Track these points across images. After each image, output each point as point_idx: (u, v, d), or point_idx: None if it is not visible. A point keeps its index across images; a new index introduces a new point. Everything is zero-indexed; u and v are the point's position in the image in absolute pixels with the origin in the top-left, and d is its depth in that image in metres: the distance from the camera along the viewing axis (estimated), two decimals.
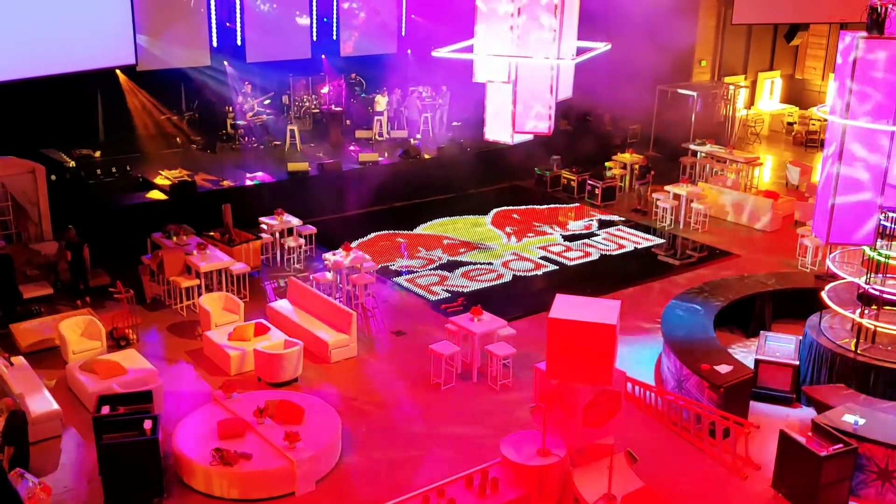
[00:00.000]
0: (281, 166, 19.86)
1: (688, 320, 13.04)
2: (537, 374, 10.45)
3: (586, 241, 17.61)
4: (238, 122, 21.63)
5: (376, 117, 23.11)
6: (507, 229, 18.13)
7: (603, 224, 18.70)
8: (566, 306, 10.16)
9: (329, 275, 14.93)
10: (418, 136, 23.33)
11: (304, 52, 22.91)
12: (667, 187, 19.77)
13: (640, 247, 17.32)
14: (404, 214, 19.89)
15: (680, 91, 24.50)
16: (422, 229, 18.27)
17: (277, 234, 16.78)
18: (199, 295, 14.34)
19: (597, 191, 20.81)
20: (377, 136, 23.10)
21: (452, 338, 12.75)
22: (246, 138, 21.81)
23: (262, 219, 16.87)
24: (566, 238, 17.74)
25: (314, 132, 22.83)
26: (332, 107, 23.40)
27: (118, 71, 19.85)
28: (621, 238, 17.90)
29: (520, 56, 9.88)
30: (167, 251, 14.78)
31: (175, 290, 14.63)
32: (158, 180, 18.11)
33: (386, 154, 21.51)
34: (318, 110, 23.20)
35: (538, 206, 19.79)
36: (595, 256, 16.66)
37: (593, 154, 22.54)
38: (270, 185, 18.87)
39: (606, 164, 22.34)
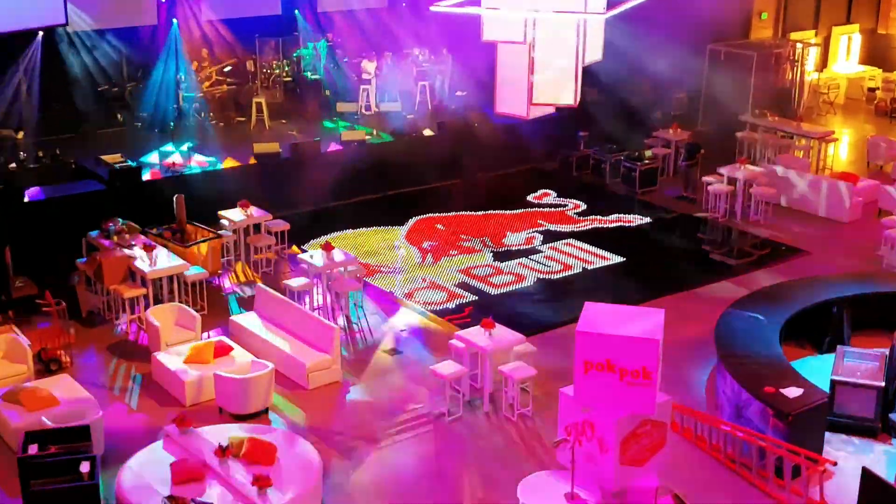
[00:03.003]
0: (245, 148, 19.86)
1: (748, 333, 13.02)
2: (563, 401, 10.43)
3: (522, 260, 16.97)
4: (192, 95, 21.65)
5: (363, 87, 23.12)
6: (425, 245, 17.64)
7: (551, 236, 18.09)
8: (598, 316, 10.15)
9: (306, 280, 14.91)
10: (414, 109, 23.35)
11: (274, 8, 22.95)
12: (720, 169, 19.77)
13: (590, 267, 16.70)
14: (400, 205, 19.87)
15: (735, 51, 24.47)
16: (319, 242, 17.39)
17: (242, 232, 16.80)
18: (147, 307, 14.33)
19: (634, 174, 20.82)
20: (363, 110, 23.11)
21: (458, 357, 12.74)
22: (202, 114, 21.83)
23: (223, 212, 16.89)
24: (497, 256, 17.17)
25: (286, 106, 22.86)
26: (308, 74, 23.43)
27: (44, 33, 19.88)
28: (569, 256, 17.18)
29: (538, 10, 9.85)
30: (106, 254, 14.79)
31: (116, 301, 14.62)
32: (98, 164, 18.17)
33: (375, 132, 21.50)
34: (290, 78, 23.22)
35: (502, 211, 19.26)
36: (530, 281, 16.08)
37: (629, 129, 22.53)
38: (233, 171, 18.87)
39: (646, 141, 22.33)
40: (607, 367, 9.99)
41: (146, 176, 18.10)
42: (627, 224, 18.94)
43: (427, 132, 21.37)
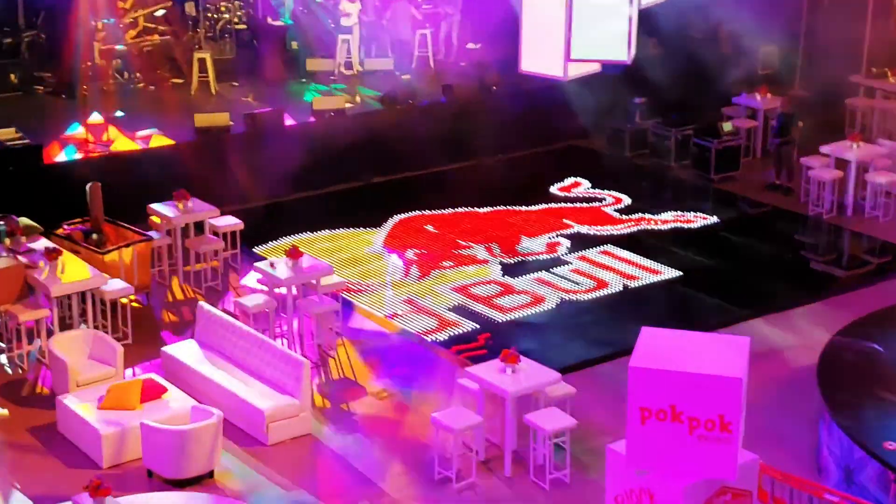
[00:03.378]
0: (184, 119, 19.93)
1: (862, 370, 12.96)
2: (611, 461, 10.42)
3: (540, 274, 16.93)
4: (112, 48, 21.74)
5: (342, 36, 23.18)
6: (410, 254, 17.66)
7: (581, 242, 18.08)
8: (659, 347, 10.14)
9: (265, 298, 14.94)
10: (411, 67, 23.40)
11: None
12: (824, 148, 19.75)
13: (633, 284, 16.69)
14: (389, 196, 19.93)
15: None
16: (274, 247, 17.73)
17: (179, 232, 16.84)
18: (50, 334, 14.35)
19: (708, 155, 20.84)
20: (343, 69, 23.18)
21: (470, 401, 12.75)
22: (125, 73, 21.91)
23: (154, 206, 16.96)
24: (508, 269, 17.16)
25: (238, 62, 22.95)
26: (269, 19, 23.49)
27: None
28: (605, 268, 17.18)
29: None
30: None
31: (9, 326, 14.65)
32: None
33: (357, 98, 21.57)
34: (244, 25, 23.31)
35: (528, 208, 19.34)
36: (552, 302, 16.09)
37: (702, 95, 22.54)
38: (167, 152, 18.93)
39: (724, 110, 22.32)
40: (672, 416, 9.98)
41: (54, 158, 18.16)
42: (686, 224, 18.97)
43: (424, 99, 21.43)
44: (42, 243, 15.42)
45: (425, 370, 14.57)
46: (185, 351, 14.10)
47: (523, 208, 19.39)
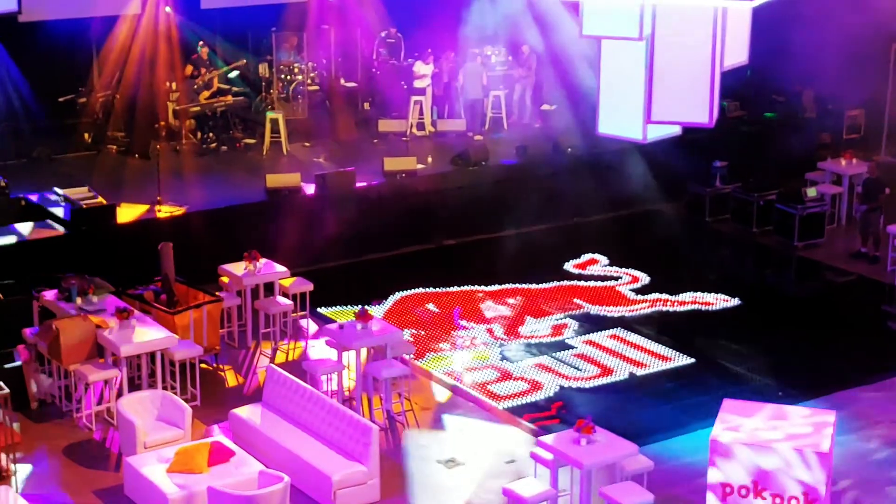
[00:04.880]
0: (255, 179, 20.19)
1: None
2: None
3: (543, 358, 16.30)
4: (186, 108, 22.16)
5: (415, 98, 23.43)
6: (407, 335, 16.56)
7: (590, 324, 17.49)
8: (740, 419, 10.05)
9: (334, 361, 14.97)
10: (483, 128, 23.55)
11: None
12: None
13: (642, 372, 15.95)
14: (461, 259, 20.00)
15: None
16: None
17: (249, 293, 17.00)
18: (119, 395, 14.48)
19: (792, 221, 20.64)
20: (415, 130, 23.37)
21: (543, 472, 12.63)
22: (199, 134, 22.28)
23: (225, 267, 17.15)
24: (507, 353, 16.53)
25: (311, 123, 23.24)
26: (342, 80, 23.83)
27: None
28: (612, 354, 16.48)
29: None
30: (65, 322, 15.05)
31: (78, 386, 14.80)
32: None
33: (430, 159, 21.71)
34: (317, 87, 23.66)
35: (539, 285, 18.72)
36: (551, 390, 15.34)
37: (786, 159, 22.40)
38: (238, 212, 19.15)
39: (808, 176, 22.13)
40: (754, 492, 9.86)
41: (122, 217, 18.43)
42: (705, 307, 18.20)
43: (498, 161, 21.50)
44: (113, 303, 15.62)
45: (496, 438, 14.48)
46: (253, 414, 14.15)
47: (532, 286, 18.78)
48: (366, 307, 15.49)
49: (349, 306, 17.75)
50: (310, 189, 19.80)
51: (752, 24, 10.95)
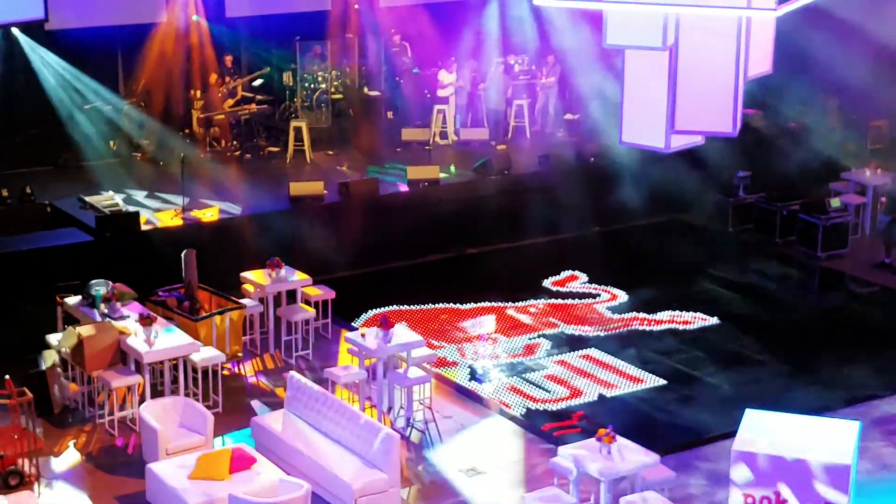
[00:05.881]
0: (279, 187, 20.26)
1: None
2: None
3: (514, 380, 15.97)
4: (210, 116, 22.27)
5: (438, 106, 23.47)
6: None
7: (563, 344, 17.11)
8: (761, 430, 10.03)
9: (356, 370, 15.05)
10: (507, 137, 23.57)
11: (321, 1, 23.51)
12: None
13: (613, 393, 15.63)
14: (483, 267, 20.00)
15: None
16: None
17: (271, 300, 17.07)
18: (141, 401, 14.57)
19: (815, 232, 20.58)
20: (438, 139, 23.41)
21: (563, 481, 12.64)
22: (223, 142, 22.38)
23: (247, 275, 17.22)
24: (476, 373, 16.18)
25: (334, 131, 23.32)
26: (365, 89, 23.90)
27: (16, 29, 20.66)
28: (583, 375, 16.13)
29: (686, 3, 9.95)
30: (89, 328, 15.14)
31: (101, 392, 14.89)
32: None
33: (452, 168, 21.74)
34: (340, 95, 23.74)
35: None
36: (518, 411, 15.06)
37: (809, 169, 22.34)
38: (261, 220, 19.23)
39: (832, 186, 22.07)
40: (776, 503, 9.85)
41: (146, 225, 18.54)
42: (682, 325, 17.86)
43: (522, 170, 21.52)
44: (137, 309, 15.70)
45: (517, 447, 14.48)
46: (274, 421, 14.20)
47: (510, 304, 18.52)
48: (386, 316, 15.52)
49: (371, 312, 17.82)
50: (333, 197, 19.86)
51: (777, 33, 10.96)
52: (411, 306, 18.48)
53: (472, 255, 20.59)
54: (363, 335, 15.24)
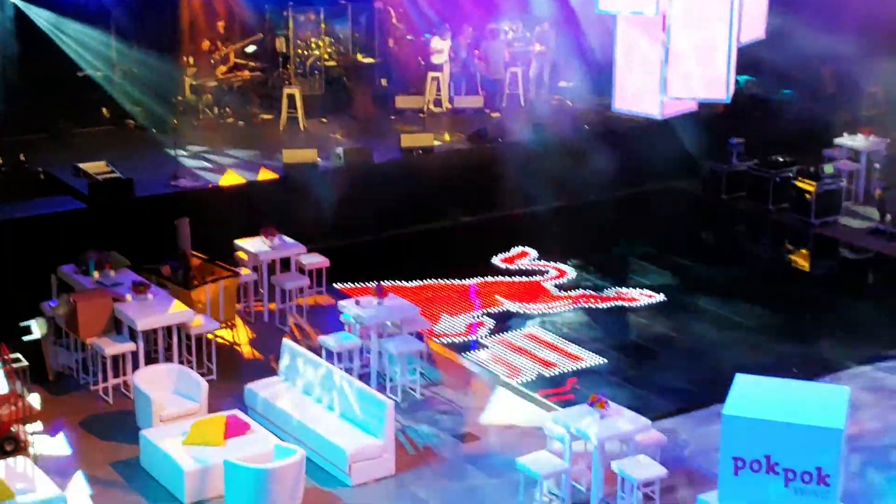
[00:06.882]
0: (273, 155, 20.23)
1: None
2: None
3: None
4: (202, 83, 22.20)
5: (432, 74, 23.40)
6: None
7: (506, 323, 16.87)
8: (753, 395, 10.07)
9: (350, 336, 15.08)
10: (501, 105, 23.53)
11: None
12: None
13: (549, 373, 15.40)
14: (477, 236, 20.04)
15: None
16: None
17: (266, 268, 17.07)
18: (135, 368, 14.61)
19: (808, 196, 20.60)
20: (432, 106, 23.37)
21: (556, 447, 12.70)
22: (216, 108, 22.33)
23: (241, 242, 17.22)
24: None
25: (328, 98, 23.26)
26: (359, 56, 23.82)
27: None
28: (524, 354, 15.93)
29: None
30: (83, 296, 15.16)
31: (96, 359, 14.93)
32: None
33: (447, 136, 21.71)
34: (334, 62, 23.66)
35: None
36: None
37: (803, 135, 22.34)
38: (254, 188, 19.23)
39: (825, 152, 22.08)
40: (766, 467, 9.88)
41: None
42: (628, 302, 17.64)
43: (515, 137, 21.48)
44: (130, 277, 15.72)
45: (510, 413, 14.55)
46: (268, 388, 14.25)
47: (455, 282, 18.23)
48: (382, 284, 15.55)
49: (365, 283, 17.85)
50: (327, 165, 19.85)
51: None
52: (403, 282, 18.22)
53: (467, 223, 20.57)
54: (357, 302, 15.27)
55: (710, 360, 15.80)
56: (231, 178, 19.37)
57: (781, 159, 21.64)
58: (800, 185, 20.70)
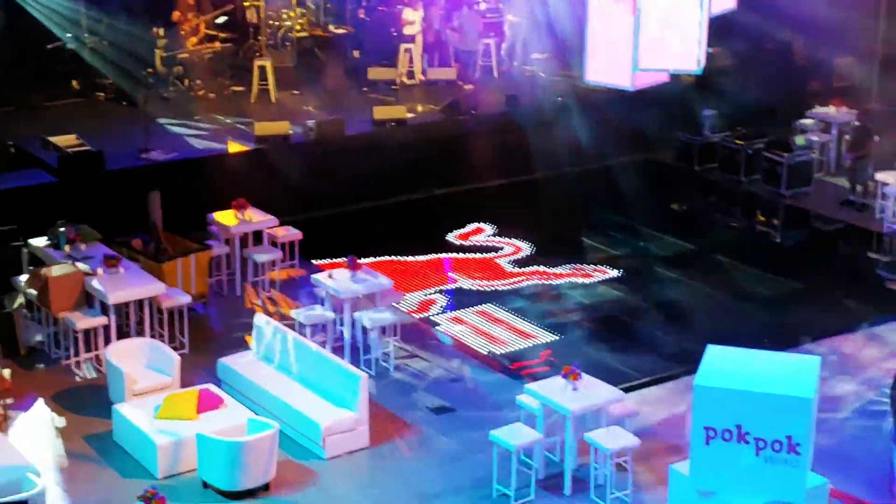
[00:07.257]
0: (244, 127, 20.14)
1: None
2: (675, 482, 10.38)
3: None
4: (173, 55, 22.05)
5: (404, 45, 23.31)
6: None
7: (460, 300, 16.80)
8: (725, 366, 10.12)
9: (322, 310, 15.07)
10: (475, 77, 23.48)
11: None
12: None
13: (503, 351, 15.40)
14: (451, 209, 20.05)
15: None
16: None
17: (238, 241, 17.04)
18: (107, 342, 14.58)
19: (780, 169, 20.67)
20: (405, 78, 23.29)
21: (530, 418, 12.76)
22: (186, 81, 22.19)
23: (213, 216, 17.17)
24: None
25: (300, 70, 23.15)
26: (331, 27, 23.70)
27: None
28: (478, 333, 15.84)
29: None
30: (54, 269, 15.10)
31: (67, 333, 14.89)
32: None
33: (419, 108, 21.67)
34: (306, 33, 23.53)
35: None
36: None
37: (774, 106, 22.39)
38: (226, 161, 19.15)
39: (797, 124, 22.15)
40: (737, 436, 9.94)
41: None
42: (584, 279, 17.53)
43: (488, 109, 21.47)
44: (102, 251, 15.65)
45: (484, 386, 14.60)
46: (241, 362, 14.24)
47: (410, 258, 18.15)
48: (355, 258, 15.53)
49: (338, 257, 17.84)
50: (298, 138, 19.77)
51: None
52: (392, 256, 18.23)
53: (439, 195, 20.57)
54: (330, 276, 15.26)
55: (682, 332, 15.91)
56: (233, 147, 19.34)
57: (753, 131, 21.66)
58: (770, 156, 20.79)
